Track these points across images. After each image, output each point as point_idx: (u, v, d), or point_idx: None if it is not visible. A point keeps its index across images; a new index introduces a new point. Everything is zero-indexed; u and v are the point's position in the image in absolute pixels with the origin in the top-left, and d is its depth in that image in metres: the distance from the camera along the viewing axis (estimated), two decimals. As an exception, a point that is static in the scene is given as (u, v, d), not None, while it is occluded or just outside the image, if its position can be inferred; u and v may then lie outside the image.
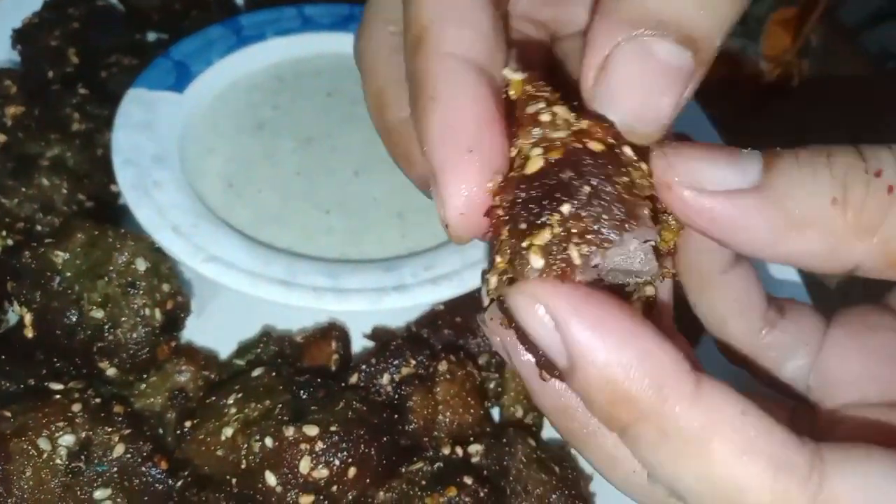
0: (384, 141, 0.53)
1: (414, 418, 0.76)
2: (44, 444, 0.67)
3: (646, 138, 0.41)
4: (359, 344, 0.88)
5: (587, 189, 0.38)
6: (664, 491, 0.40)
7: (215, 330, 0.86)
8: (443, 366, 0.78)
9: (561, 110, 0.41)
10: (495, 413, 0.84)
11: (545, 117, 0.41)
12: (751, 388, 0.45)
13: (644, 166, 0.40)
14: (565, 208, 0.37)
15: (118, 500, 0.69)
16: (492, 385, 0.83)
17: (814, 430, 0.48)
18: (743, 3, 0.41)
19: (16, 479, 0.66)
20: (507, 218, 0.39)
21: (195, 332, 0.84)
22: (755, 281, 0.52)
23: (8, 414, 0.69)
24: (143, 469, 0.70)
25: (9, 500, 0.66)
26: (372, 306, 0.82)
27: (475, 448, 0.75)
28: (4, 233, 0.85)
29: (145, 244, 0.79)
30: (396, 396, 0.78)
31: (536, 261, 0.37)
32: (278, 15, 1.08)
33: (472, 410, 0.78)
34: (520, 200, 0.39)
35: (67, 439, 0.68)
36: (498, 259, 0.39)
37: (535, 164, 0.39)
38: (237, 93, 1.03)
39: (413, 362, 0.79)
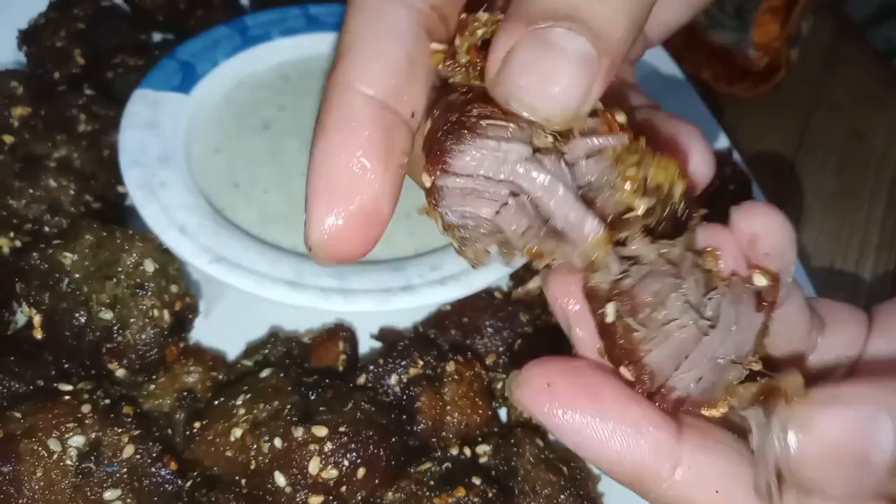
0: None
1: (422, 419, 0.77)
2: (54, 444, 0.68)
3: (563, 124, 0.41)
4: (366, 344, 0.88)
5: None
6: None
7: (223, 331, 0.86)
8: (450, 366, 0.79)
9: None
10: (503, 414, 0.84)
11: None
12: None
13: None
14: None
15: (128, 500, 0.69)
16: (499, 385, 0.83)
17: None
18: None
19: (26, 480, 0.66)
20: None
21: (203, 332, 0.84)
22: (803, 306, 0.49)
23: (18, 415, 0.69)
24: (153, 470, 0.70)
25: (20, 501, 0.66)
26: (379, 307, 0.82)
27: (483, 448, 0.75)
28: (12, 234, 0.85)
29: (153, 245, 0.80)
30: (404, 397, 0.78)
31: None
32: (283, 15, 1.08)
33: (479, 411, 0.79)
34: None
35: (77, 440, 0.68)
36: None
37: None
38: (243, 93, 1.03)
39: (421, 363, 0.79)
